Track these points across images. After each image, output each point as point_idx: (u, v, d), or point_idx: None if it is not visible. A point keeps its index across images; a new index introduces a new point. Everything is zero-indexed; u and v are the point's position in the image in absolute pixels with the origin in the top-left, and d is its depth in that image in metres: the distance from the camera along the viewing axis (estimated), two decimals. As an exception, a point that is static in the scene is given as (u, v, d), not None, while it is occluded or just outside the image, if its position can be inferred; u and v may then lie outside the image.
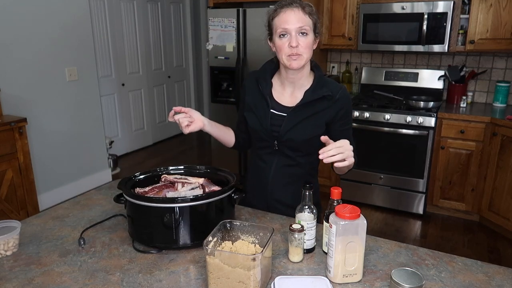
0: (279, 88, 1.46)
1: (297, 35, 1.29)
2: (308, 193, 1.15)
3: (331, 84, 1.41)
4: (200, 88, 6.35)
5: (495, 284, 1.04)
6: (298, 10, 1.30)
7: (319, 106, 1.39)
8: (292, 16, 1.29)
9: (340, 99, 1.40)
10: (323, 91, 1.38)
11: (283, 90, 1.45)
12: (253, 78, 1.50)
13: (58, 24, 3.42)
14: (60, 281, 1.06)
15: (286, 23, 1.29)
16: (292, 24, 1.29)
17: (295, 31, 1.29)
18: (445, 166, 3.21)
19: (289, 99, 1.43)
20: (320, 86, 1.39)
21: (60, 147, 3.57)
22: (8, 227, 1.23)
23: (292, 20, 1.29)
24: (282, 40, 1.31)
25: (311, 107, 1.39)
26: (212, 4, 3.83)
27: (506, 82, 3.30)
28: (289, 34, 1.30)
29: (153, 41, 5.30)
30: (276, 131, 1.42)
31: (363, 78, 3.90)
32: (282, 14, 1.31)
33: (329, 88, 1.39)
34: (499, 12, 3.03)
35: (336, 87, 1.41)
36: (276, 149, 1.45)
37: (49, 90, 3.43)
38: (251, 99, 1.48)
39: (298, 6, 1.31)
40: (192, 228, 1.18)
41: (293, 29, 1.29)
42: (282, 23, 1.30)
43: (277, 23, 1.32)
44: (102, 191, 1.66)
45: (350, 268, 1.03)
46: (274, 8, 1.35)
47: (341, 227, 1.00)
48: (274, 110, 1.43)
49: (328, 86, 1.40)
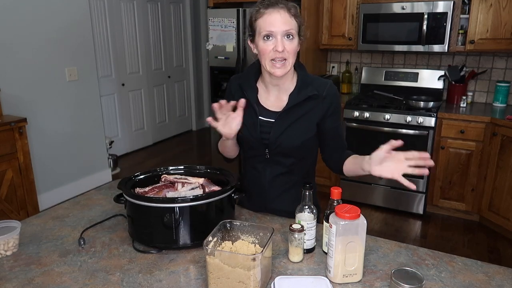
0: (264, 93, 1.38)
1: (282, 38, 1.22)
2: (308, 193, 1.15)
3: (316, 82, 1.35)
4: (200, 88, 6.36)
5: (495, 284, 1.04)
6: (284, 11, 1.22)
7: (307, 106, 1.33)
8: (277, 18, 1.21)
9: (328, 96, 1.33)
10: (309, 91, 1.31)
11: (268, 95, 1.37)
12: (236, 84, 1.42)
13: (58, 24, 3.42)
14: (60, 281, 1.06)
15: (272, 25, 1.21)
16: (277, 27, 1.21)
17: (281, 34, 1.21)
18: (445, 166, 3.21)
19: (275, 103, 1.36)
20: (305, 86, 1.33)
21: (60, 147, 3.57)
22: (8, 227, 1.23)
23: (278, 23, 1.21)
24: (266, 43, 1.23)
25: (298, 110, 1.32)
26: (212, 4, 3.83)
27: (506, 82, 3.30)
28: (274, 37, 1.22)
29: (153, 41, 5.30)
30: (266, 138, 1.35)
31: (363, 78, 3.90)
32: (267, 16, 1.22)
33: (315, 87, 1.32)
34: (499, 12, 3.03)
35: (322, 84, 1.34)
36: (268, 157, 1.38)
37: (49, 90, 3.43)
38: None
39: (284, 7, 1.22)
40: (192, 228, 1.18)
41: (279, 32, 1.21)
42: (267, 25, 1.22)
43: (261, 24, 1.23)
44: (102, 191, 1.65)
45: (350, 268, 1.03)
46: (257, 7, 1.25)
47: (341, 227, 1.00)
48: (262, 117, 1.35)
49: (313, 85, 1.33)
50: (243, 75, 1.42)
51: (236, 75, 1.47)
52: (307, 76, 1.37)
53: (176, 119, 5.97)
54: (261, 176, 1.42)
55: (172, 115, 5.87)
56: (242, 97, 1.36)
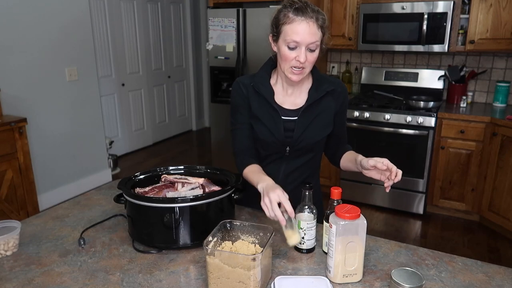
0: (280, 92, 1.40)
1: (306, 50, 1.23)
2: (308, 193, 1.15)
3: (329, 79, 1.42)
4: (200, 88, 6.36)
5: (495, 284, 1.04)
6: (313, 23, 1.22)
7: (324, 103, 1.38)
8: (306, 30, 1.21)
9: (342, 92, 1.41)
10: (326, 87, 1.37)
11: (283, 93, 1.40)
12: (248, 85, 1.40)
13: (58, 24, 3.42)
14: (60, 281, 1.06)
15: (298, 35, 1.21)
16: (304, 39, 1.21)
17: (305, 46, 1.23)
18: (445, 166, 3.21)
19: (290, 102, 1.39)
20: (321, 83, 1.38)
21: (60, 147, 3.57)
22: (8, 227, 1.23)
23: (305, 34, 1.21)
24: (290, 51, 1.24)
25: (317, 106, 1.37)
26: (212, 4, 3.83)
27: (506, 82, 3.30)
28: (299, 47, 1.23)
29: (153, 41, 5.30)
30: (289, 137, 1.37)
31: (363, 78, 3.90)
32: (296, 25, 1.21)
33: (330, 83, 1.39)
34: (499, 12, 3.03)
35: (335, 80, 1.42)
36: (287, 155, 1.41)
37: (49, 90, 3.43)
38: (254, 107, 1.39)
39: (313, 18, 1.22)
40: (192, 228, 1.18)
41: (304, 44, 1.22)
42: (293, 35, 1.22)
43: (288, 31, 1.23)
44: (102, 191, 1.65)
45: (350, 268, 1.03)
46: (286, 11, 1.24)
47: (341, 227, 1.00)
48: (283, 117, 1.38)
49: (328, 81, 1.39)
50: (256, 76, 1.41)
51: (244, 76, 1.46)
52: (320, 74, 1.42)
53: (176, 119, 5.97)
54: (276, 173, 1.43)
55: (172, 115, 5.87)
56: (259, 99, 1.38)
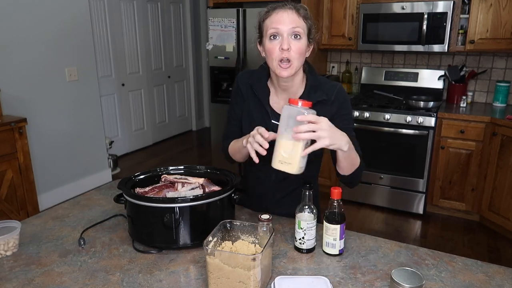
0: (274, 96, 1.37)
1: (289, 37, 1.20)
2: (308, 193, 1.15)
3: (325, 86, 1.34)
4: (200, 88, 6.36)
5: (495, 284, 1.04)
6: (292, 11, 1.21)
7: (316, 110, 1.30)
8: (285, 17, 1.20)
9: (337, 99, 1.33)
10: (317, 96, 1.30)
11: (277, 98, 1.36)
12: (246, 82, 1.40)
13: (58, 24, 3.42)
14: (60, 281, 1.06)
15: (278, 23, 1.20)
16: (284, 25, 1.20)
17: (287, 33, 1.20)
18: (445, 166, 3.21)
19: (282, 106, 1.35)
20: (314, 90, 1.32)
21: (60, 147, 3.57)
22: (8, 227, 1.23)
23: (285, 21, 1.20)
24: (272, 42, 1.22)
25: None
26: (212, 4, 3.84)
27: (506, 82, 3.30)
28: (280, 35, 1.21)
29: (153, 41, 5.30)
30: None
31: (363, 78, 3.90)
32: (274, 15, 1.22)
33: (324, 91, 1.32)
34: (499, 12, 3.03)
35: (331, 87, 1.33)
36: None
37: (49, 90, 3.43)
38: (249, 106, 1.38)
39: (292, 8, 1.22)
40: (192, 228, 1.18)
41: (285, 30, 1.20)
42: (273, 23, 1.21)
43: (268, 23, 1.23)
44: (102, 191, 1.65)
45: (284, 155, 1.06)
46: (266, 9, 1.26)
47: (288, 110, 1.04)
48: (274, 121, 1.32)
49: (323, 89, 1.32)
50: (255, 74, 1.40)
51: (245, 71, 1.44)
52: (317, 79, 1.35)
53: (176, 119, 5.97)
54: (266, 179, 1.42)
55: (172, 115, 5.87)
56: (253, 98, 1.37)
